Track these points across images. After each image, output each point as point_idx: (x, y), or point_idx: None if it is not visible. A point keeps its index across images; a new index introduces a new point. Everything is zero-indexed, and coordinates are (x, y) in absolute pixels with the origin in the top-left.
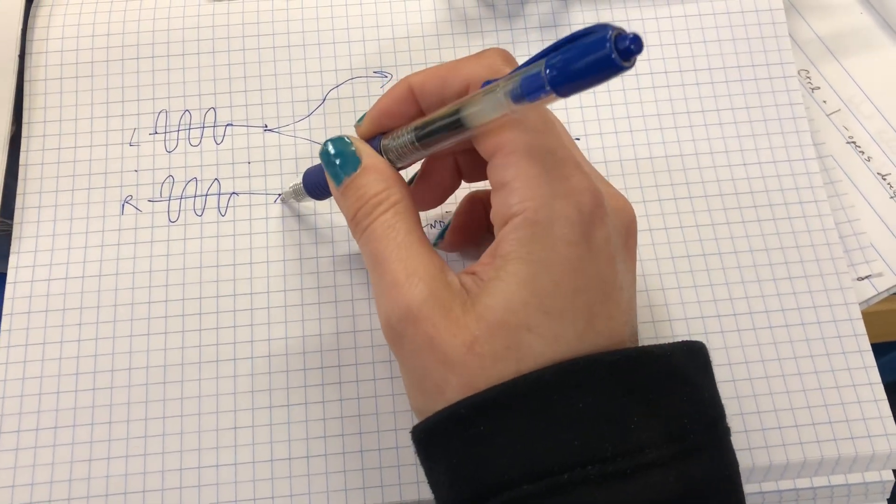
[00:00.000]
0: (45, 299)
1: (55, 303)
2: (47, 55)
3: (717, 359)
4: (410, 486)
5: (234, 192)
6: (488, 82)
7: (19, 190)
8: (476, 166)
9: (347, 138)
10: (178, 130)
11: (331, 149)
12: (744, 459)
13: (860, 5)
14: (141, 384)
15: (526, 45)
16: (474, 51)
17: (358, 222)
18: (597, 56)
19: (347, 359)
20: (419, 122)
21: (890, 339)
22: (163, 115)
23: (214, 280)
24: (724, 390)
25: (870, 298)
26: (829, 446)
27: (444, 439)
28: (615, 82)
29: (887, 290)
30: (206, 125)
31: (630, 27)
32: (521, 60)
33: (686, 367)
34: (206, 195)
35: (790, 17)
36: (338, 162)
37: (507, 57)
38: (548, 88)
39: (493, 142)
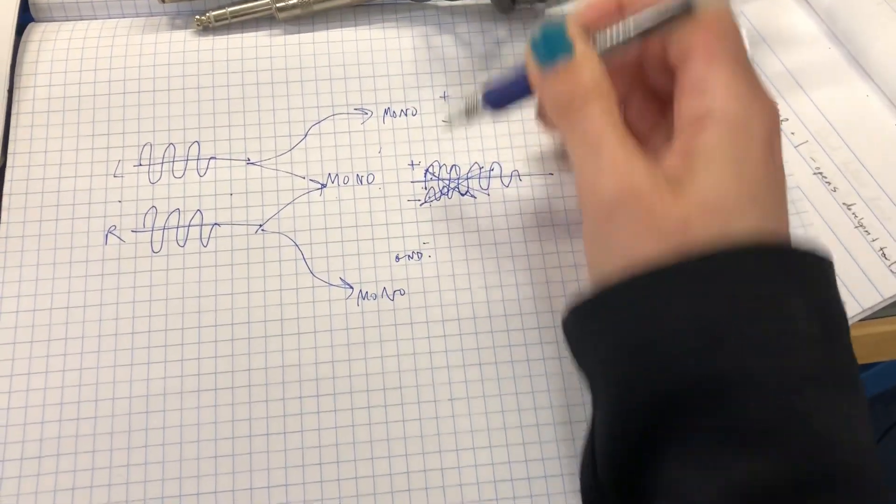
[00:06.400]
0: (31, 330)
1: (40, 333)
2: (35, 89)
3: None
4: None
5: (215, 223)
6: None
7: (3, 219)
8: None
9: (563, 25)
10: (163, 163)
11: (542, 33)
12: None
13: (828, 40)
14: (124, 414)
15: None
16: (452, 90)
17: (571, 104)
18: None
19: (342, 387)
20: (639, 15)
21: None
22: (147, 148)
23: (196, 311)
24: None
25: None
26: None
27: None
28: None
29: (851, 318)
30: (189, 158)
31: None
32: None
33: (831, 275)
34: (189, 226)
35: (761, 51)
36: (549, 47)
37: None
38: None
39: (690, 42)
